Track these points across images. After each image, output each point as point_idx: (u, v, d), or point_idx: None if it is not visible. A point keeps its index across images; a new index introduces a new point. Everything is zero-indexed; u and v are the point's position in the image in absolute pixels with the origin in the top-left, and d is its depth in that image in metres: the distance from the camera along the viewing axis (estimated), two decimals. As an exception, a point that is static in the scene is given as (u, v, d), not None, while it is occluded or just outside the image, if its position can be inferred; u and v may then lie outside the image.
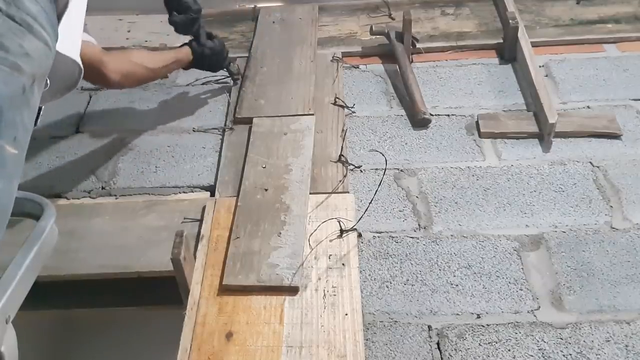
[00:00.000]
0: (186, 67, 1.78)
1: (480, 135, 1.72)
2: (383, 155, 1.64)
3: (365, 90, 1.91)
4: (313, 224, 1.47)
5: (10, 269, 0.99)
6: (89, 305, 1.57)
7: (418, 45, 1.99)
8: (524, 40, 1.92)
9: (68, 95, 1.97)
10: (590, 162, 1.62)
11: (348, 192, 1.57)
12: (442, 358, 1.26)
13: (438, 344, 1.28)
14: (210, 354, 1.24)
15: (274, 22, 2.17)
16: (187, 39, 1.78)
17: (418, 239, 1.48)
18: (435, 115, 1.79)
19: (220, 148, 1.74)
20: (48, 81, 1.14)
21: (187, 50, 1.75)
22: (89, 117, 1.91)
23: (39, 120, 1.10)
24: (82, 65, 1.27)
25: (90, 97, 1.98)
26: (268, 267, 1.37)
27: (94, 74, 1.44)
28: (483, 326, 1.30)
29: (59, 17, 1.18)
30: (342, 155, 1.65)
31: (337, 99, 1.84)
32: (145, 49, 1.88)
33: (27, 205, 1.09)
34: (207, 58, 1.77)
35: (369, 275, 1.41)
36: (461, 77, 1.92)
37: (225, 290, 1.35)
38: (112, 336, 1.77)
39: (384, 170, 1.59)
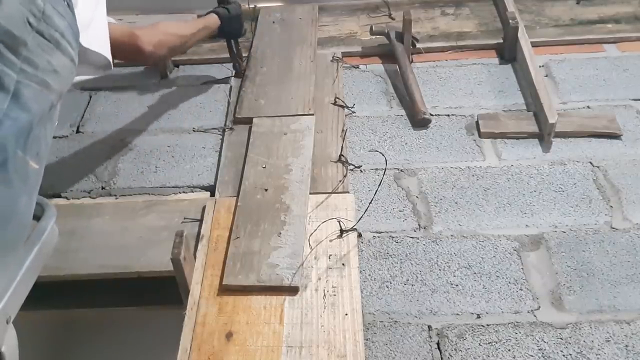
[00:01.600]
0: (214, 35, 1.82)
1: (480, 135, 1.72)
2: (383, 155, 1.64)
3: (365, 90, 1.91)
4: (313, 224, 1.47)
5: (11, 268, 0.99)
6: (89, 305, 1.57)
7: (418, 45, 1.99)
8: (524, 40, 1.92)
9: (68, 96, 1.98)
10: (590, 162, 1.62)
11: (348, 192, 1.57)
12: (442, 358, 1.26)
13: (438, 344, 1.28)
14: (210, 354, 1.24)
15: (274, 22, 2.17)
16: None
17: (418, 239, 1.48)
18: (435, 115, 1.79)
19: (220, 148, 1.74)
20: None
21: (213, 16, 1.79)
22: (89, 117, 1.91)
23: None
24: (111, 60, 1.33)
25: (90, 97, 1.98)
26: (268, 267, 1.37)
27: (128, 49, 1.50)
28: (483, 326, 1.30)
29: (89, 22, 1.21)
30: (342, 155, 1.65)
31: (337, 99, 1.84)
32: (172, 21, 1.89)
33: (27, 205, 1.08)
34: (232, 20, 1.82)
35: (369, 275, 1.41)
36: (461, 77, 1.92)
37: (225, 290, 1.35)
38: (112, 336, 1.77)
39: (384, 170, 1.59)
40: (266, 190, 1.55)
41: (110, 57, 1.33)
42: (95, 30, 1.26)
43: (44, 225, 1.08)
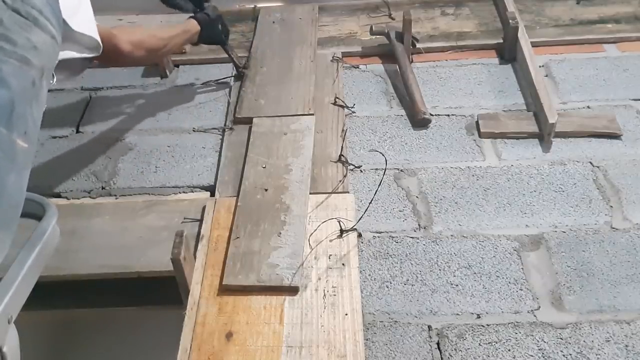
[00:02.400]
0: (197, 41, 1.79)
1: (480, 135, 1.72)
2: (383, 155, 1.64)
3: (365, 90, 1.91)
4: (313, 224, 1.47)
5: (12, 269, 0.99)
6: (89, 305, 1.57)
7: (418, 45, 1.99)
8: (524, 40, 1.92)
9: (68, 96, 1.99)
10: (590, 162, 1.62)
11: (348, 192, 1.57)
12: (442, 358, 1.26)
13: (438, 344, 1.28)
14: (210, 354, 1.24)
15: (274, 22, 2.17)
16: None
17: (418, 239, 1.48)
18: (435, 115, 1.79)
19: (220, 148, 1.74)
20: (54, 76, 1.16)
21: (192, 22, 1.76)
22: (89, 117, 1.91)
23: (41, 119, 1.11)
24: (100, 42, 1.33)
25: (90, 97, 1.98)
26: (268, 267, 1.37)
27: (106, 49, 1.44)
28: (483, 326, 1.30)
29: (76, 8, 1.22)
30: (342, 155, 1.65)
31: (337, 99, 1.84)
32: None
33: (28, 205, 1.09)
34: (212, 24, 1.78)
35: (369, 275, 1.41)
36: (461, 77, 1.92)
37: (225, 290, 1.35)
38: (112, 336, 1.77)
39: (384, 170, 1.59)
40: (266, 190, 1.55)
41: (99, 39, 1.34)
42: (83, 14, 1.28)
43: (45, 225, 1.08)
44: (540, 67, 1.90)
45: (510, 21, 1.91)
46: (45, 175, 1.71)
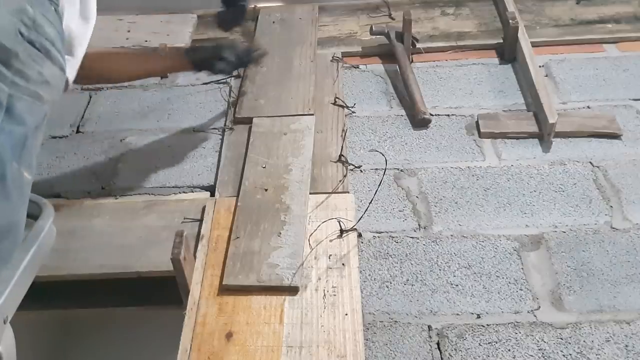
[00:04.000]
0: None
1: (480, 135, 1.72)
2: (383, 155, 1.64)
3: (365, 90, 1.91)
4: (313, 224, 1.47)
5: (8, 269, 0.99)
6: (89, 305, 1.57)
7: (418, 45, 1.99)
8: (524, 40, 1.92)
9: (68, 96, 1.98)
10: (590, 162, 1.62)
11: (348, 192, 1.57)
12: (442, 358, 1.26)
13: (438, 344, 1.28)
14: (210, 354, 1.24)
15: (274, 22, 2.17)
16: None
17: (418, 239, 1.48)
18: (435, 115, 1.79)
19: (220, 148, 1.74)
20: None
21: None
22: (89, 117, 1.91)
23: None
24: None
25: (90, 97, 1.98)
26: (268, 267, 1.36)
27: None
28: (483, 326, 1.30)
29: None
30: (342, 155, 1.65)
31: (337, 99, 1.84)
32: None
33: (25, 204, 1.09)
34: None
35: (369, 275, 1.41)
36: (461, 77, 1.92)
37: (225, 290, 1.35)
38: (112, 336, 1.77)
39: (384, 170, 1.59)
40: (266, 190, 1.55)
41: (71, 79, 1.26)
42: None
43: (42, 225, 1.08)
44: (540, 67, 1.90)
45: (510, 21, 1.91)
46: (45, 175, 1.71)
